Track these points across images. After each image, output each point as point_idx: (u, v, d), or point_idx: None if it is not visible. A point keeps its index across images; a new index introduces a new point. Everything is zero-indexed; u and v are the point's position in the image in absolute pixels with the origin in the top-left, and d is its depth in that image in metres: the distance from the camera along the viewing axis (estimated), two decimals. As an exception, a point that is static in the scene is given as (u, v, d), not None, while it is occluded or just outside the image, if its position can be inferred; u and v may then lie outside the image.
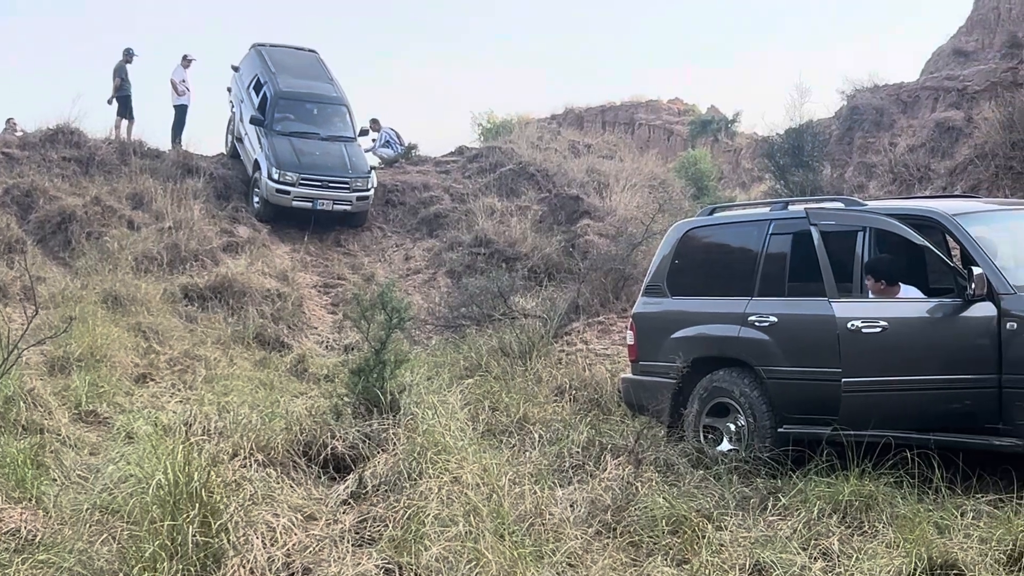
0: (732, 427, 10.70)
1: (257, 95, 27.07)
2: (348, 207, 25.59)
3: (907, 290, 10.14)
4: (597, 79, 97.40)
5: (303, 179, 25.02)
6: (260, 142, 25.77)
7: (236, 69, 29.10)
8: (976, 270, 9.23)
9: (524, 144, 31.61)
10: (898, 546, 7.75)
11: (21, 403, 11.76)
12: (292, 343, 19.41)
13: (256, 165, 25.75)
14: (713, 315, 11.23)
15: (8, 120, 31.03)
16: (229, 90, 29.35)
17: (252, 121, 26.16)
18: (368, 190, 25.82)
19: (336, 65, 31.13)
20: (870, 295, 10.11)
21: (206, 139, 44.27)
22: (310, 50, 29.57)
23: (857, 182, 25.96)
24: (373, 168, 26.57)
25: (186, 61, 29.38)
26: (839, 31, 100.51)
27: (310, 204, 25.09)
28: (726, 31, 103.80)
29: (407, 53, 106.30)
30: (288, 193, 24.94)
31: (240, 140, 27.45)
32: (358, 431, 10.26)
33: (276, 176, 24.89)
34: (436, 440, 9.63)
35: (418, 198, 27.63)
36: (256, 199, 25.67)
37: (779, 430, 10.22)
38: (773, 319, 10.47)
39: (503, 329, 17.54)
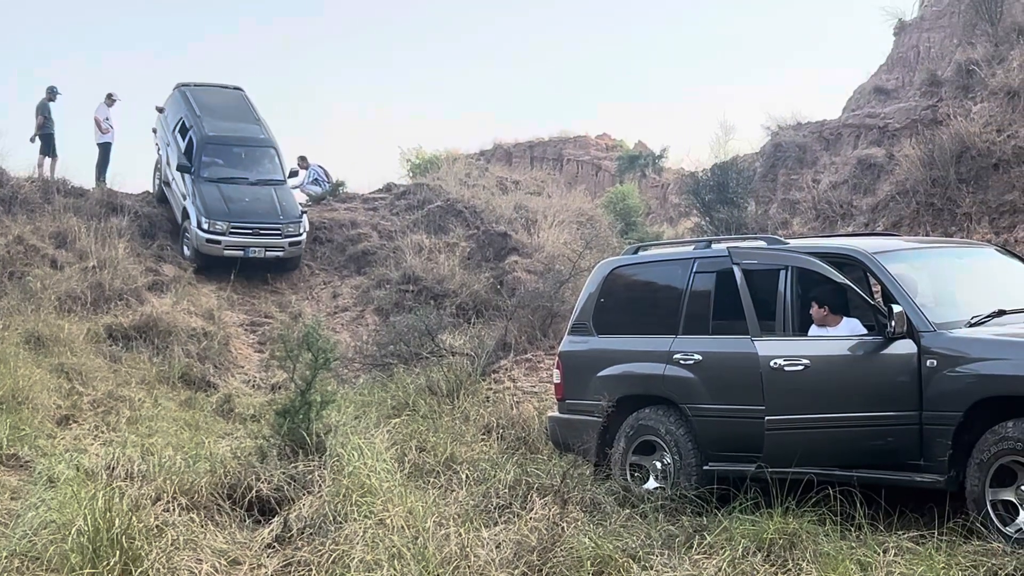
0: (658, 465, 10.75)
1: (183, 139, 26.67)
2: (281, 253, 25.20)
3: (849, 322, 10.22)
4: (525, 114, 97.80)
5: (233, 227, 24.63)
6: (188, 189, 25.37)
7: (161, 111, 28.80)
8: (896, 308, 9.33)
9: (452, 181, 31.65)
10: (821, 584, 7.80)
11: (-60, 447, 11.57)
12: (218, 382, 19.26)
13: (185, 213, 25.35)
14: (638, 353, 11.28)
15: (-72, 159, 30.58)
16: (154, 131, 29.06)
17: (179, 168, 25.83)
18: (300, 235, 25.46)
19: (260, 99, 30.88)
20: (813, 324, 10.18)
21: (130, 177, 43.91)
22: (235, 88, 29.31)
23: (781, 218, 26.21)
24: (304, 211, 26.23)
25: (110, 99, 29.17)
26: (763, 68, 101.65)
27: (242, 252, 24.67)
28: (651, 66, 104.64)
29: (332, 87, 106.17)
30: (219, 243, 24.52)
31: (167, 184, 27.08)
32: (283, 473, 10.21)
33: (206, 226, 24.47)
34: (362, 482, 9.61)
35: (346, 235, 27.57)
36: (186, 248, 25.22)
37: (704, 468, 10.29)
38: (697, 357, 10.55)
39: (431, 367, 17.50)
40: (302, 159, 31.07)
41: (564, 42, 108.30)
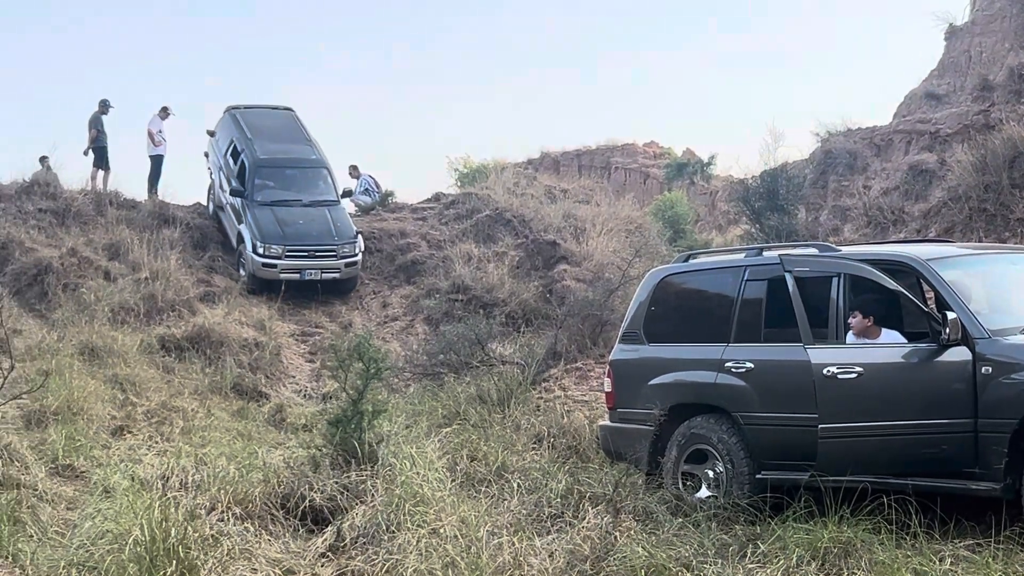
0: (710, 473, 10.70)
1: (235, 163, 26.74)
2: (337, 275, 25.16)
3: (888, 334, 10.16)
4: (573, 123, 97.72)
5: (289, 251, 24.63)
6: (242, 214, 25.44)
7: (212, 134, 28.90)
8: (950, 315, 9.26)
9: (500, 190, 31.68)
10: (877, 593, 7.75)
11: (-3, 458, 11.68)
12: (270, 392, 19.35)
13: (240, 237, 25.42)
14: (690, 362, 11.24)
15: (-17, 172, 30.97)
16: (206, 155, 29.19)
17: (232, 193, 25.93)
18: (356, 255, 25.42)
19: (309, 111, 31.02)
20: (850, 332, 10.12)
21: (182, 189, 44.30)
22: (285, 108, 29.33)
23: (832, 225, 26.07)
24: (359, 231, 26.13)
25: (164, 112, 29.43)
26: (812, 75, 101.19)
27: (298, 275, 24.67)
28: (699, 74, 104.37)
29: (378, 98, 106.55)
30: (275, 267, 24.52)
31: (221, 208, 27.21)
32: (336, 483, 10.27)
33: (261, 250, 24.49)
34: (414, 491, 9.63)
35: (395, 245, 27.65)
36: (243, 272, 25.20)
37: (757, 476, 10.23)
38: (749, 365, 10.50)
39: (481, 376, 17.49)
40: (353, 168, 31.21)
41: (610, 49, 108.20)
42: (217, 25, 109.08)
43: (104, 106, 29.08)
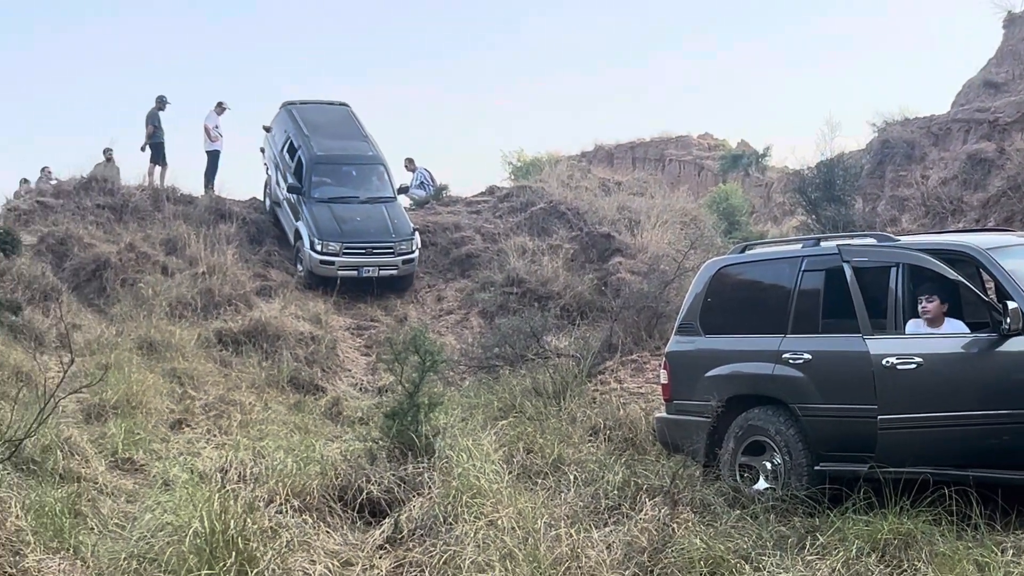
0: (768, 465, 10.63)
1: (292, 159, 26.77)
2: (394, 271, 25.18)
3: (951, 323, 10.05)
4: (626, 115, 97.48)
5: (346, 248, 24.64)
6: (299, 211, 25.51)
7: (268, 130, 29.00)
8: (1011, 304, 9.15)
9: (554, 183, 31.66)
10: (938, 585, 7.68)
11: (58, 451, 11.78)
12: (326, 386, 19.40)
13: (297, 234, 25.47)
14: (747, 353, 11.17)
15: (43, 169, 31.40)
16: (262, 151, 29.30)
17: (290, 190, 25.96)
18: (413, 252, 25.40)
19: (362, 105, 31.08)
20: (910, 322, 10.01)
21: (238, 184, 44.64)
22: (341, 103, 29.34)
23: (890, 216, 25.84)
24: (416, 228, 26.09)
25: (220, 108, 29.58)
26: (868, 64, 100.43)
27: (355, 272, 24.70)
28: (754, 65, 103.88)
29: (432, 93, 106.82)
30: (332, 263, 24.52)
31: (278, 204, 27.32)
32: (393, 475, 10.31)
33: (319, 247, 24.52)
34: (471, 483, 9.64)
35: (449, 239, 27.66)
36: (300, 268, 25.24)
37: (816, 468, 10.16)
38: (807, 356, 10.42)
39: (536, 369, 17.48)
40: (409, 161, 31.28)
41: (664, 43, 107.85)
42: (270, 21, 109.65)
43: (161, 102, 29.29)
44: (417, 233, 25.90)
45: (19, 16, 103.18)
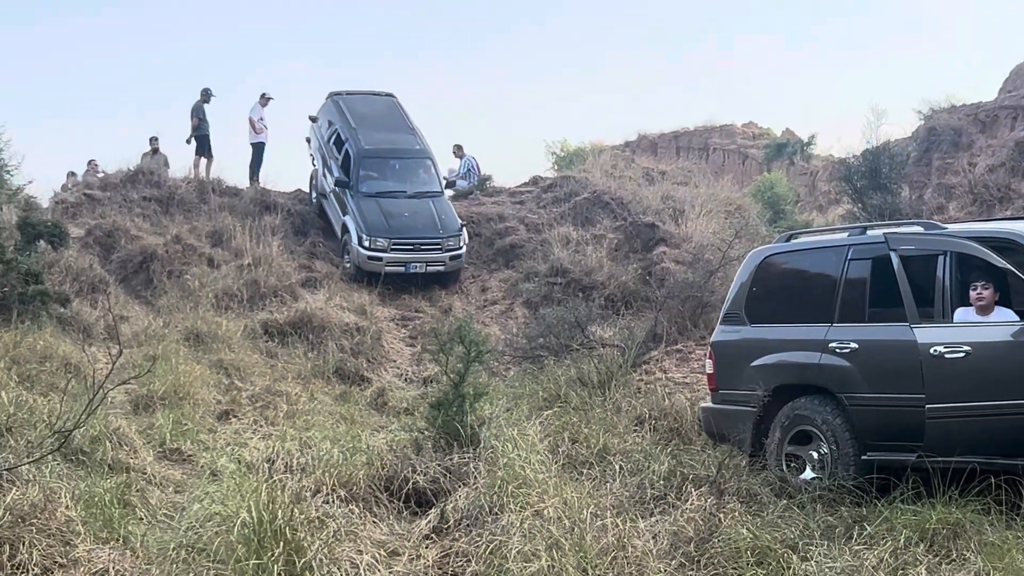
0: (815, 455, 10.59)
1: (338, 151, 26.66)
2: (442, 268, 25.05)
3: (1001, 312, 9.97)
4: (670, 104, 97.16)
5: (394, 244, 24.53)
6: (347, 205, 25.42)
7: (314, 120, 28.94)
8: (1060, 292, 9.09)
9: (598, 172, 31.58)
10: (987, 574, 7.63)
11: (107, 442, 11.85)
12: (371, 376, 19.46)
13: (344, 228, 25.37)
14: (793, 342, 11.14)
15: (89, 162, 31.61)
16: (308, 141, 29.26)
17: (337, 183, 25.85)
18: (460, 248, 25.27)
19: (405, 93, 31.05)
20: (958, 310, 9.92)
21: (283, 176, 44.80)
22: (387, 94, 29.21)
23: (936, 204, 25.65)
24: (463, 224, 25.90)
25: (264, 99, 29.66)
26: (914, 51, 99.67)
27: (403, 268, 24.58)
28: (799, 53, 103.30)
29: (474, 83, 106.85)
30: (380, 259, 24.39)
31: (325, 196, 27.24)
32: (439, 465, 10.33)
33: (367, 243, 24.40)
34: (517, 473, 9.64)
35: (493, 229, 27.66)
36: (347, 263, 25.14)
37: (863, 457, 10.11)
38: (854, 345, 10.38)
39: (581, 359, 17.47)
40: (458, 147, 31.23)
41: (707, 31, 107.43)
42: (313, 8, 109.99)
43: (206, 95, 29.42)
44: (465, 229, 25.77)
45: (64, 7, 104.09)
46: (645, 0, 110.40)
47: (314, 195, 28.38)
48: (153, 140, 30.10)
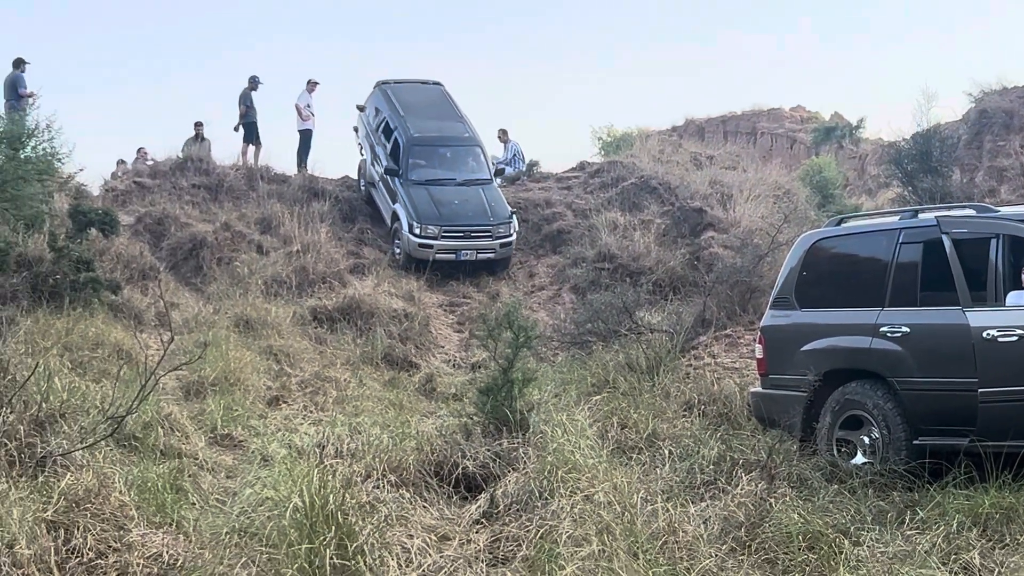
0: (866, 440, 10.54)
1: (387, 140, 26.69)
2: (492, 255, 25.08)
3: None
4: (718, 88, 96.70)
5: (445, 231, 24.55)
6: (397, 193, 25.43)
7: (361, 109, 28.94)
8: (1114, 274, 8.99)
9: (645, 157, 31.51)
10: (1042, 559, 7.58)
11: (159, 428, 11.93)
12: (420, 362, 19.51)
13: (395, 216, 25.40)
14: (843, 327, 11.08)
15: (139, 150, 31.81)
16: (355, 130, 29.31)
17: (387, 172, 25.85)
18: (510, 236, 25.26)
19: (451, 81, 30.98)
20: (1011, 294, 9.82)
21: (331, 163, 44.95)
22: (435, 83, 29.19)
23: (988, 187, 25.43)
24: (513, 211, 25.88)
25: (311, 85, 29.74)
26: (965, 32, 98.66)
27: (453, 256, 24.63)
28: (848, 35, 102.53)
29: (521, 68, 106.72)
30: (431, 247, 24.42)
31: (373, 185, 27.28)
32: (488, 450, 10.33)
33: (418, 231, 24.41)
34: (566, 458, 9.63)
35: (541, 215, 27.66)
36: (397, 251, 25.17)
37: (915, 442, 10.06)
38: (905, 329, 10.31)
39: (629, 344, 17.43)
40: (503, 132, 31.17)
41: (755, 14, 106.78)
42: None
43: (253, 82, 29.55)
44: (515, 216, 25.72)
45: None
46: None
47: (362, 184, 28.42)
48: (198, 125, 30.26)
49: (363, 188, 28.36)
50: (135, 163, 31.05)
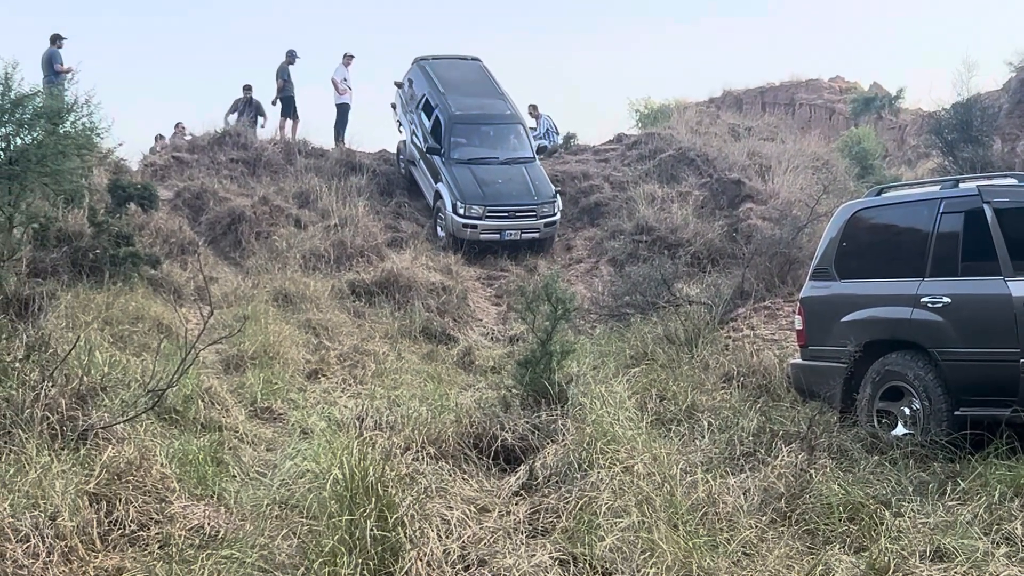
0: (906, 411, 10.49)
1: (427, 118, 26.49)
2: (536, 235, 24.89)
3: None
4: (755, 59, 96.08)
5: (489, 211, 24.36)
6: (439, 172, 25.27)
7: (399, 86, 28.77)
8: None
9: (683, 129, 31.39)
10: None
11: (199, 401, 12.00)
12: (458, 335, 19.53)
13: (437, 195, 25.25)
14: (884, 297, 11.00)
15: (177, 125, 31.97)
16: (393, 107, 29.17)
17: (429, 151, 25.71)
18: (554, 215, 25.07)
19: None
20: None
21: (368, 136, 44.98)
22: (473, 58, 29.03)
23: (1030, 156, 25.18)
24: (557, 190, 25.73)
25: (347, 59, 29.74)
26: (1005, 1, 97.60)
27: (497, 236, 24.46)
28: (887, 5, 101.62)
29: (555, 40, 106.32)
30: (475, 227, 24.30)
31: (414, 164, 27.13)
32: (527, 422, 10.34)
33: (462, 211, 24.26)
34: (605, 430, 9.62)
35: (578, 187, 27.61)
36: (441, 231, 24.99)
37: (955, 413, 9.98)
38: (946, 300, 10.22)
39: (668, 316, 17.41)
40: (533, 107, 31.03)
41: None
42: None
43: (291, 56, 29.56)
44: (559, 196, 25.55)
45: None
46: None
47: (402, 162, 28.29)
48: (247, 88, 30.17)
49: (402, 166, 28.23)
50: (173, 138, 31.20)
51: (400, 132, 28.60)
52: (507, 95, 27.61)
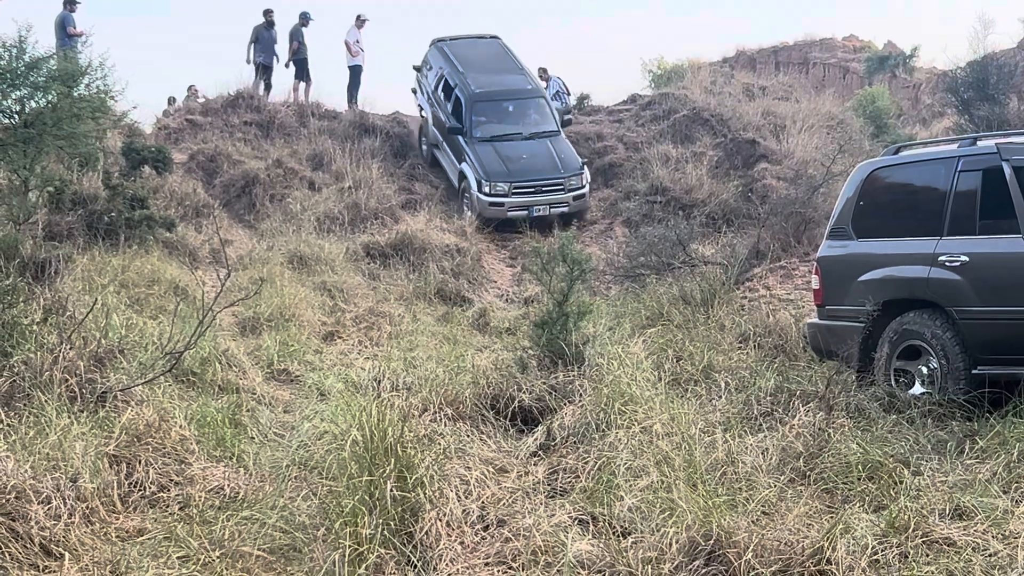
0: (924, 370, 10.46)
1: (448, 99, 26.11)
2: (565, 208, 24.25)
3: None
4: (768, 19, 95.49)
5: (516, 187, 23.88)
6: (462, 152, 24.91)
7: (418, 69, 28.44)
8: None
9: (697, 89, 31.29)
10: (1104, 487, 7.53)
11: (217, 364, 12.05)
12: (473, 297, 19.56)
13: (461, 175, 24.85)
14: (901, 256, 10.94)
15: (190, 87, 31.94)
16: (414, 92, 28.80)
17: (451, 131, 25.34)
18: (583, 187, 24.59)
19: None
20: None
21: (381, 98, 44.78)
22: (492, 36, 28.62)
23: (1047, 114, 25.03)
24: (585, 161, 25.35)
25: (360, 21, 29.62)
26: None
27: (526, 212, 23.91)
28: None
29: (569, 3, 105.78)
30: (502, 205, 23.84)
31: (437, 146, 26.81)
32: (544, 383, 10.37)
33: (487, 189, 23.81)
34: (622, 390, 9.65)
35: (592, 148, 27.55)
36: (467, 210, 24.43)
37: (973, 372, 9.95)
38: (964, 259, 10.18)
39: (683, 277, 17.40)
40: (542, 70, 30.78)
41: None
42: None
43: (304, 18, 29.43)
44: (586, 168, 25.20)
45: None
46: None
47: (424, 145, 27.95)
48: (268, 12, 29.08)
49: (425, 150, 27.86)
50: (186, 101, 31.16)
51: (422, 116, 28.27)
52: (528, 69, 27.29)
